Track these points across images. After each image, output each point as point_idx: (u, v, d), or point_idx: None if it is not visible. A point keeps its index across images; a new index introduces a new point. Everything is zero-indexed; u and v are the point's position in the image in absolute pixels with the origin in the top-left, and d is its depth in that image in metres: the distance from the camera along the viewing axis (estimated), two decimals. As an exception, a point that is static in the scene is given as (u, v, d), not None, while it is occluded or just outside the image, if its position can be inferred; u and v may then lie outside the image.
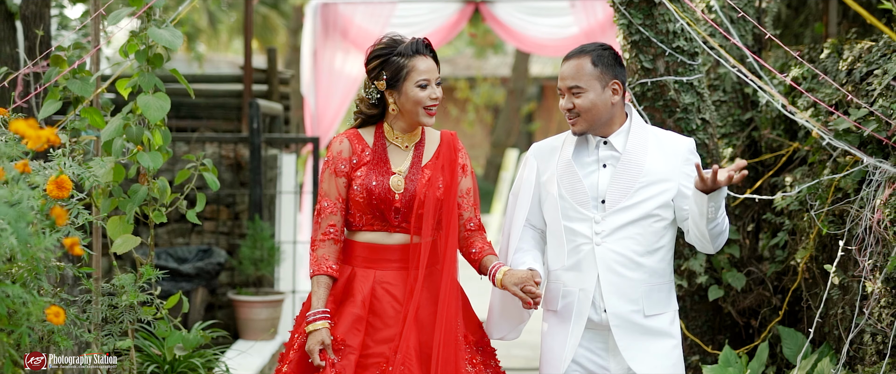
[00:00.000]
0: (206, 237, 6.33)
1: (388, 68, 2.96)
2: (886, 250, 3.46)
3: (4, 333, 2.32)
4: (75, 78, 3.77)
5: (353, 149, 3.03)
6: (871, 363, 3.51)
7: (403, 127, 3.03)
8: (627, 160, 2.94)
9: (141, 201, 3.61)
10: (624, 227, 2.92)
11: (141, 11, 3.65)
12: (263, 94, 7.07)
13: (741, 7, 4.55)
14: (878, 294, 3.46)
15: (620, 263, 2.92)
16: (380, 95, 3.01)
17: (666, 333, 2.97)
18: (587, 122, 2.94)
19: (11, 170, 2.23)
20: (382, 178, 2.98)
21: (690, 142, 3.02)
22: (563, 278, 3.01)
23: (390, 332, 2.94)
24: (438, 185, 3.00)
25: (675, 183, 2.94)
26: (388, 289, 2.97)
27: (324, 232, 3.01)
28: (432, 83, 2.97)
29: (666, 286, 2.99)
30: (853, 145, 3.69)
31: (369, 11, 8.08)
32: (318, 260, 3.00)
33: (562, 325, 3.00)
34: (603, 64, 2.94)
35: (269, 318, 5.95)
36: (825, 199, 3.87)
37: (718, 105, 4.59)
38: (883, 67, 3.68)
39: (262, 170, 6.24)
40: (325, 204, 3.03)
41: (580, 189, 2.95)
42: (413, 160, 3.04)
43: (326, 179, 3.03)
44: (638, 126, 3.01)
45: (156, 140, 3.67)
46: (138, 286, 3.51)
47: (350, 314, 2.95)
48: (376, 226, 3.01)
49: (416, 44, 2.96)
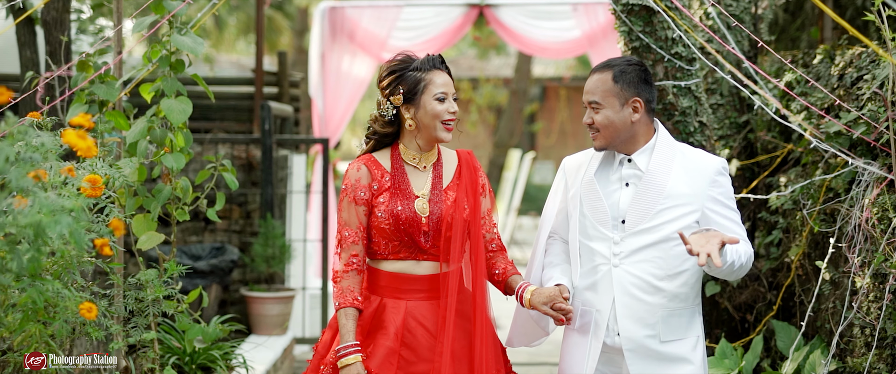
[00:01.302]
0: (218, 236, 6.50)
1: (405, 83, 2.89)
2: (874, 246, 3.62)
3: (41, 324, 2.48)
4: (101, 83, 3.96)
5: (371, 175, 2.93)
6: (860, 354, 3.67)
7: (420, 146, 2.95)
8: (649, 180, 2.83)
9: (165, 200, 3.80)
10: (643, 249, 2.82)
11: (164, 19, 3.83)
12: (274, 96, 7.24)
13: (739, 13, 4.72)
14: (867, 289, 3.63)
15: (637, 286, 2.82)
16: (396, 111, 2.93)
17: (684, 359, 2.85)
18: (606, 138, 2.87)
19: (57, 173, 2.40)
20: (407, 202, 2.89)
21: (719, 162, 2.90)
22: (583, 297, 2.92)
23: (424, 367, 2.84)
24: (464, 206, 2.91)
25: (698, 206, 2.82)
26: (420, 321, 2.88)
27: (346, 263, 2.90)
28: (449, 97, 2.90)
29: (688, 312, 2.87)
30: (844, 147, 3.86)
31: (376, 15, 8.25)
32: (344, 292, 2.89)
33: (579, 344, 2.91)
34: (624, 81, 2.85)
35: (281, 313, 6.11)
36: (817, 198, 4.03)
37: (715, 108, 4.75)
38: (872, 73, 3.85)
39: (273, 170, 6.41)
40: (346, 233, 2.91)
41: (601, 208, 2.87)
42: (433, 182, 2.95)
43: (346, 208, 2.93)
44: (664, 144, 2.89)
45: (178, 142, 3.85)
46: (162, 281, 3.69)
47: (383, 347, 2.85)
48: (403, 254, 2.91)
49: (432, 59, 2.92)
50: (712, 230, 2.70)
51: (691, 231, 2.77)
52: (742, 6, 4.79)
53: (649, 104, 2.90)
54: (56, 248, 2.36)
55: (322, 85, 8.14)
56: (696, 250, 2.59)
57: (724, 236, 2.64)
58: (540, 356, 6.38)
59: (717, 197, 2.83)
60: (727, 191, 2.88)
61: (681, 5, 4.00)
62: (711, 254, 2.57)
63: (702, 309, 2.99)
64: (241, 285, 6.39)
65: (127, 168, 3.61)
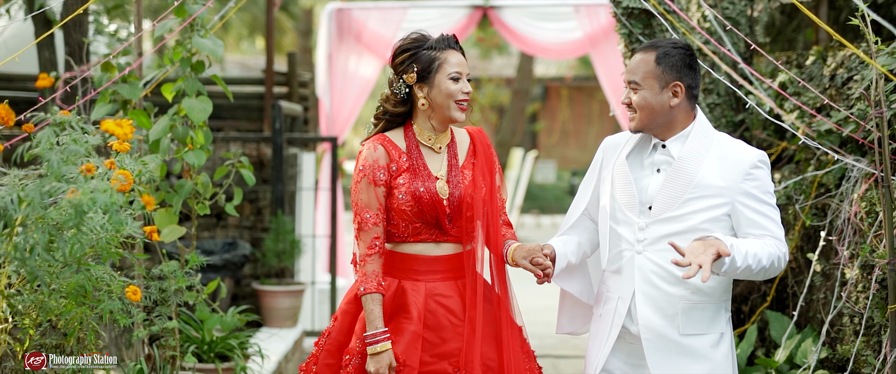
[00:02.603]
0: (230, 231, 6.68)
1: (419, 61, 2.83)
2: (862, 239, 3.80)
3: (87, 307, 2.67)
4: (124, 83, 4.14)
5: (389, 156, 2.86)
6: (849, 341, 3.85)
7: (434, 126, 2.89)
8: (679, 168, 2.74)
9: (187, 195, 3.98)
10: (668, 238, 2.71)
11: (186, 23, 4.01)
12: (284, 95, 7.42)
13: (735, 15, 4.90)
14: (855, 280, 3.81)
15: (658, 275, 2.74)
16: (408, 90, 2.87)
17: (703, 355, 2.75)
18: (642, 120, 2.78)
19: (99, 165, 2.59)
20: (428, 183, 2.84)
21: (757, 155, 2.77)
22: (608, 282, 2.88)
23: (449, 347, 2.81)
24: (481, 185, 2.88)
25: (729, 198, 2.72)
26: (441, 302, 2.83)
27: (369, 246, 2.83)
28: (463, 78, 2.84)
29: (712, 307, 2.76)
30: (834, 145, 4.03)
31: (382, 16, 8.43)
32: (369, 277, 2.82)
33: (600, 330, 2.87)
34: (666, 64, 2.75)
35: (292, 307, 6.30)
36: (809, 193, 4.21)
37: (712, 107, 4.93)
38: (861, 73, 4.03)
39: (284, 168, 6.59)
40: (366, 216, 2.83)
41: (630, 191, 2.79)
42: (450, 162, 2.91)
43: (364, 190, 2.84)
44: (700, 132, 2.79)
45: (199, 139, 4.04)
46: (184, 272, 3.87)
47: (407, 331, 2.80)
48: (424, 236, 2.86)
49: (446, 38, 2.86)
50: (712, 238, 2.60)
51: (720, 225, 2.72)
52: (738, 9, 4.97)
53: (691, 90, 2.80)
54: (95, 237, 2.53)
55: (329, 85, 8.31)
56: (685, 261, 2.52)
57: (722, 247, 2.55)
58: (543, 348, 6.56)
59: (750, 191, 2.72)
60: (763, 185, 2.75)
61: (678, 9, 4.18)
62: (703, 266, 2.49)
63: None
64: (253, 280, 6.56)
65: (151, 164, 3.79)
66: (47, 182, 2.36)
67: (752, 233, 2.71)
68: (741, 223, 2.71)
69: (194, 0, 4.00)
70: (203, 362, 4.38)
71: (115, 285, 2.66)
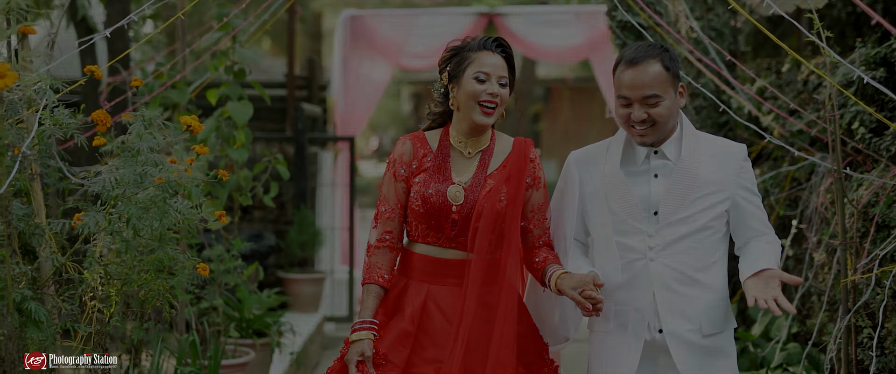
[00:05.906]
0: (255, 224, 7.19)
1: (454, 61, 2.78)
2: (827, 226, 4.30)
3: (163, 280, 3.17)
4: (173, 88, 4.66)
5: (414, 152, 2.82)
6: (816, 316, 4.35)
7: (465, 129, 2.79)
8: (682, 169, 2.70)
9: (231, 188, 4.50)
10: (679, 240, 2.68)
11: (230, 35, 4.53)
12: (304, 98, 7.92)
13: (719, 26, 5.42)
14: (821, 262, 4.30)
15: (676, 279, 2.68)
16: (445, 90, 2.83)
17: (724, 352, 2.73)
18: (660, 132, 2.70)
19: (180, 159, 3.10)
20: (440, 186, 2.75)
21: (742, 148, 2.79)
22: (615, 296, 2.74)
23: (437, 352, 2.69)
24: (501, 197, 2.73)
25: (729, 193, 2.71)
26: (440, 306, 2.73)
27: (379, 238, 2.79)
28: (492, 79, 2.73)
29: (722, 303, 2.73)
30: (805, 144, 4.54)
31: (394, 23, 8.91)
32: (371, 268, 2.79)
33: (616, 346, 2.73)
34: (674, 69, 2.71)
35: (313, 293, 6.81)
36: (783, 187, 4.72)
37: (699, 110, 5.44)
38: (824, 83, 4.53)
39: (305, 165, 7.11)
40: (383, 208, 2.81)
41: (631, 201, 2.71)
42: (477, 169, 2.79)
43: (386, 182, 2.82)
44: (690, 133, 2.77)
45: (240, 138, 4.56)
46: (231, 255, 4.39)
47: (397, 329, 2.72)
48: (431, 238, 2.77)
49: (485, 40, 2.78)
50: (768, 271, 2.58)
51: (722, 221, 2.71)
52: (723, 20, 5.48)
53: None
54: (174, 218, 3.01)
55: (343, 87, 8.79)
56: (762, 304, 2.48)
57: (782, 275, 2.54)
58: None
59: (744, 184, 2.73)
60: (751, 177, 2.78)
61: (664, 23, 4.69)
62: (778, 299, 2.46)
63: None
64: (277, 269, 7.07)
65: (202, 159, 4.31)
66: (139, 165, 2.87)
67: (753, 226, 2.73)
68: (745, 217, 2.71)
69: (232, 14, 4.52)
70: (242, 337, 4.89)
71: (188, 262, 3.16)
